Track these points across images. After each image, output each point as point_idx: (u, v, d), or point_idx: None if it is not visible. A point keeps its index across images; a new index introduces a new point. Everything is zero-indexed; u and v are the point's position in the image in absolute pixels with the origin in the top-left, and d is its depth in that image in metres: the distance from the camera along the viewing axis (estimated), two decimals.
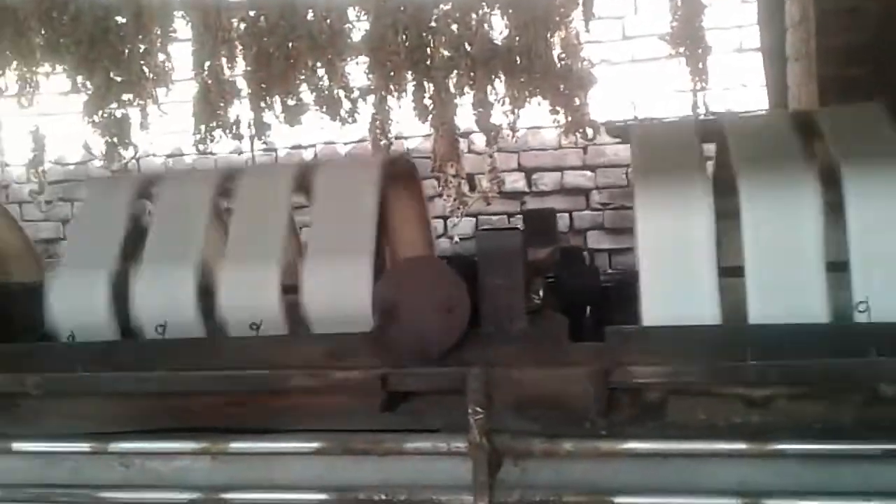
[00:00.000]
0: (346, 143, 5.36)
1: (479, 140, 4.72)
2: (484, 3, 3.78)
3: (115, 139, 4.10)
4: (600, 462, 1.55)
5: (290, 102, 3.98)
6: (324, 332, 1.86)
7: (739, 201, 1.72)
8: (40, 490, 1.74)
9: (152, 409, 1.83)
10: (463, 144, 4.32)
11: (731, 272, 1.68)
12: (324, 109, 3.96)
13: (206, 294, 1.96)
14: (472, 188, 4.17)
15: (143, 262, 1.99)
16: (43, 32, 4.03)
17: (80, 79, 4.07)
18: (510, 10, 3.77)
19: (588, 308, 2.12)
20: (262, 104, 3.98)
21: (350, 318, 1.81)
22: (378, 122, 3.87)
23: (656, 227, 1.74)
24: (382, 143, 3.90)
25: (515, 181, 4.94)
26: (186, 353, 1.80)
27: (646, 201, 1.76)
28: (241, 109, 4.09)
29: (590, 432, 1.54)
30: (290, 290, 1.93)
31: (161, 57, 4.04)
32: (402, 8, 3.80)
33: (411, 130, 4.63)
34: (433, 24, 3.79)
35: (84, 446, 1.70)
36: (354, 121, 3.95)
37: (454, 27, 3.79)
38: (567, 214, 4.86)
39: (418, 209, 2.34)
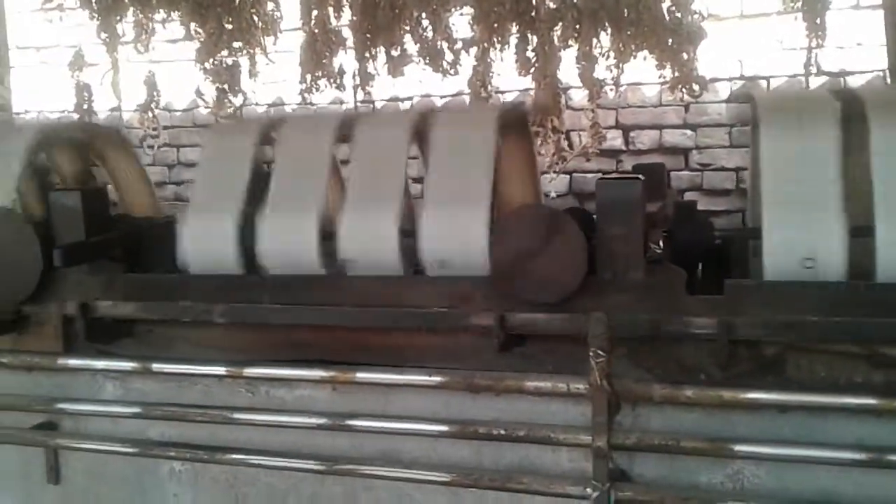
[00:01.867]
0: (442, 97, 5.37)
1: (577, 95, 4.68)
2: None
3: (226, 86, 4.23)
4: (718, 411, 1.57)
5: (394, 53, 4.01)
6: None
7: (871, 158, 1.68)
8: (176, 409, 1.86)
9: (280, 340, 1.94)
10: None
11: (859, 232, 1.65)
12: (426, 61, 3.98)
13: (326, 238, 2.05)
14: (570, 144, 4.14)
15: (268, 207, 2.07)
16: None
17: (193, 26, 4.20)
18: None
19: (701, 263, 2.11)
20: (367, 54, 4.03)
21: (467, 264, 1.87)
22: (479, 75, 3.87)
23: (784, 174, 1.70)
24: (483, 96, 3.90)
25: (613, 139, 4.87)
26: (321, 289, 1.89)
27: (774, 153, 1.72)
28: (345, 59, 4.15)
29: (711, 382, 1.56)
30: (408, 234, 1.99)
31: (270, 6, 4.13)
32: None
33: (510, 84, 4.61)
34: None
35: (220, 370, 1.81)
36: (456, 73, 3.96)
37: None
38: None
39: (530, 159, 2.35)
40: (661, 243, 1.70)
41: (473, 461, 1.75)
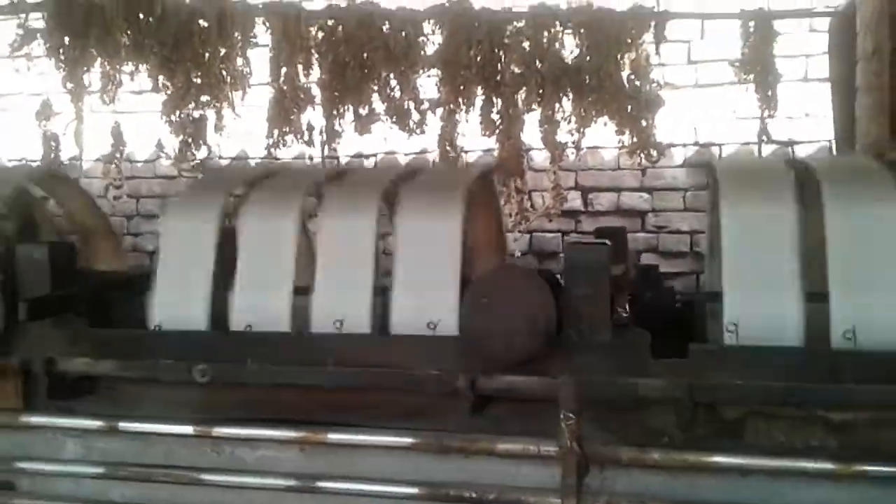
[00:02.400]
0: (406, 154, 5.46)
1: (538, 156, 4.79)
2: (557, 23, 3.86)
3: (190, 139, 4.25)
4: (683, 474, 1.61)
5: (362, 111, 4.09)
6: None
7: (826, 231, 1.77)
8: (140, 469, 1.83)
9: (251, 399, 1.93)
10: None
11: (816, 298, 1.73)
12: (393, 120, 4.06)
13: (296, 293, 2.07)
14: (532, 205, 4.24)
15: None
16: (129, 32, 4.20)
17: (161, 79, 4.22)
18: (582, 30, 3.84)
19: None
20: (335, 112, 4.10)
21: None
22: (446, 134, 3.96)
23: (742, 246, 1.78)
24: (450, 155, 3.98)
25: (572, 199, 4.98)
26: (284, 347, 1.90)
27: (734, 225, 1.81)
28: (313, 115, 4.21)
29: (673, 445, 1.60)
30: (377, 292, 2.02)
31: (240, 62, 4.18)
32: (476, 24, 3.90)
33: (473, 144, 4.71)
34: (506, 40, 3.88)
35: (188, 429, 1.79)
36: (423, 132, 4.04)
37: (526, 44, 3.87)
38: None
39: (498, 222, 2.42)
40: (627, 306, 1.75)
41: None
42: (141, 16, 4.17)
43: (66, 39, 4.27)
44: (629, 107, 3.77)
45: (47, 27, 4.30)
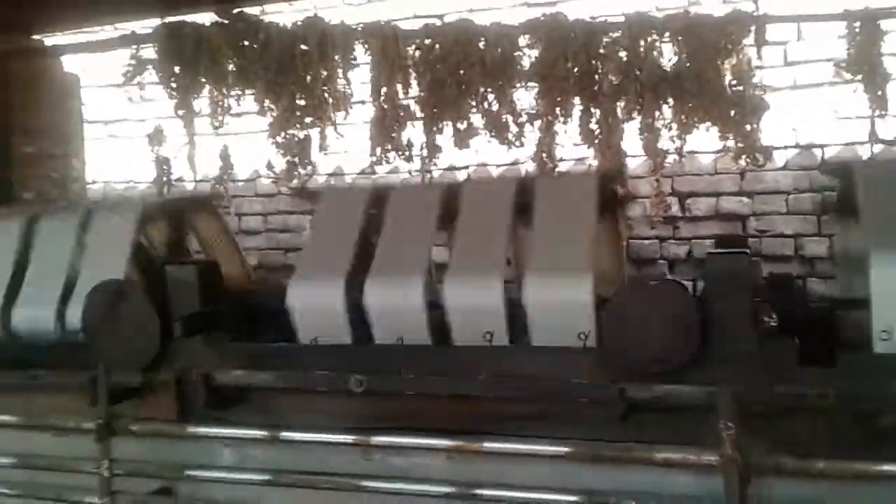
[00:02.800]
0: (498, 166, 5.54)
1: (632, 163, 4.78)
2: (653, 31, 3.87)
3: (296, 158, 4.41)
4: (842, 484, 1.61)
5: (460, 126, 4.17)
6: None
7: None
8: (305, 476, 1.94)
9: (395, 409, 2.02)
10: None
11: None
12: (492, 133, 4.13)
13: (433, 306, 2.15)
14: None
15: (375, 272, 2.18)
16: (235, 59, 4.40)
17: (266, 102, 4.40)
18: (680, 38, 3.84)
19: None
20: (434, 128, 4.19)
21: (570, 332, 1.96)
22: (544, 146, 4.01)
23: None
24: (548, 166, 4.03)
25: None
26: (429, 359, 1.98)
27: (881, 239, 1.80)
28: (412, 132, 4.32)
29: (840, 453, 1.61)
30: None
31: (341, 83, 4.32)
32: (571, 36, 3.94)
33: (566, 153, 4.74)
34: (602, 50, 3.91)
35: (348, 438, 1.89)
36: (521, 144, 4.10)
37: (623, 54, 3.89)
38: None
39: (619, 231, 2.46)
40: (773, 315, 1.77)
41: None
42: (246, 43, 4.37)
43: (177, 69, 4.50)
44: (732, 112, 3.74)
45: (158, 57, 4.53)
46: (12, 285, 2.62)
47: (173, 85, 4.52)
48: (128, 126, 6.92)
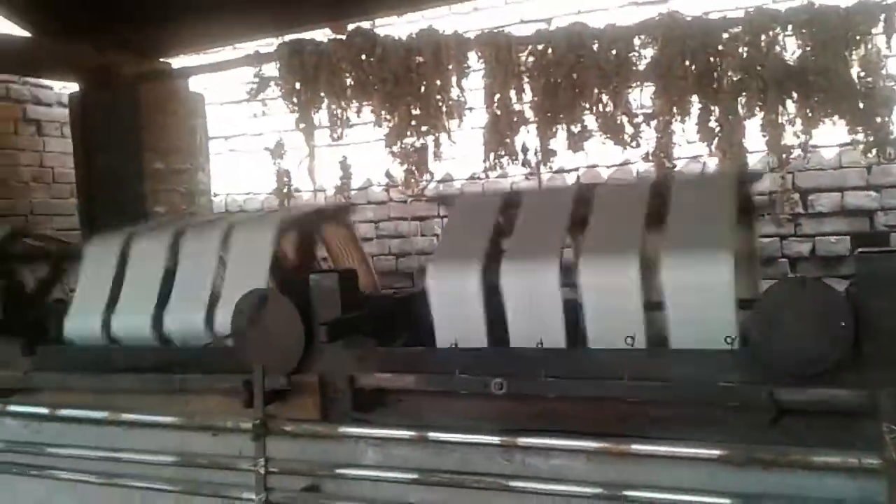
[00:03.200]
0: (609, 167, 5.51)
1: (752, 161, 4.66)
2: (775, 25, 3.77)
3: (414, 167, 4.52)
4: None
5: (574, 129, 4.18)
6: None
7: None
8: (452, 476, 2.01)
9: (532, 411, 2.06)
10: None
11: None
12: (607, 135, 4.12)
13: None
14: None
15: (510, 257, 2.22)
16: (353, 73, 4.56)
17: (383, 113, 4.54)
18: (804, 30, 3.73)
19: None
20: (548, 132, 4.22)
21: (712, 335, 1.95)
22: (662, 146, 3.97)
23: None
24: (665, 166, 3.99)
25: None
26: (564, 362, 2.02)
27: None
28: (526, 137, 4.36)
29: None
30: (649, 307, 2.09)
31: (455, 92, 4.41)
32: (689, 34, 3.89)
33: (679, 152, 4.68)
34: (722, 47, 3.84)
35: (495, 439, 1.94)
36: (638, 145, 4.07)
37: (743, 49, 3.81)
38: (848, 237, 4.67)
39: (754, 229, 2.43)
40: None
41: None
42: (364, 57, 4.52)
43: (298, 84, 4.70)
44: (861, 105, 3.60)
45: (281, 74, 4.75)
46: (162, 293, 2.81)
47: (294, 100, 4.74)
48: (245, 140, 7.28)
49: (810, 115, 3.74)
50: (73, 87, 5.99)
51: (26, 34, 5.61)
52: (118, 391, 2.72)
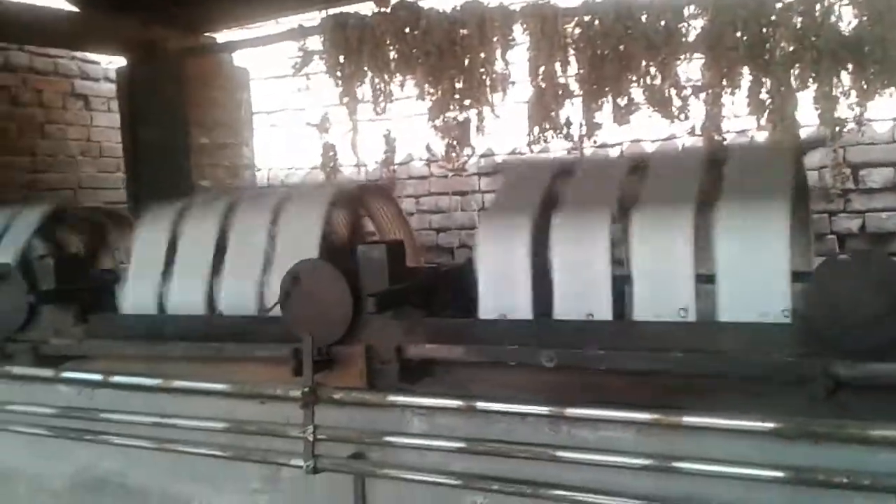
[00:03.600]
0: (653, 141, 5.43)
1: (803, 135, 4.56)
2: None
3: (456, 141, 4.51)
4: None
5: (621, 102, 4.13)
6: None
7: None
8: (499, 445, 2.02)
9: (576, 384, 2.06)
10: None
11: None
12: (654, 108, 4.06)
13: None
14: None
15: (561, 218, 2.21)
16: (397, 46, 4.55)
17: (426, 87, 4.53)
18: (860, 0, 3.62)
19: None
20: (593, 105, 4.17)
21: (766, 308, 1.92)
22: (712, 118, 3.90)
23: None
24: (715, 139, 3.92)
25: None
26: (610, 334, 2.01)
27: None
28: (571, 111, 4.31)
29: None
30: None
31: (499, 65, 4.38)
32: (740, 4, 3.80)
33: (728, 126, 4.59)
34: (774, 17, 3.74)
35: (543, 409, 1.95)
36: (686, 118, 4.01)
37: (797, 20, 3.71)
38: None
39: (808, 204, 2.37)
40: None
41: None
42: (407, 30, 4.50)
43: (342, 58, 4.71)
44: None
45: (324, 48, 4.76)
46: (215, 266, 2.85)
47: (338, 73, 4.74)
48: (288, 115, 7.32)
49: (865, 87, 3.65)
50: (121, 62, 6.07)
51: (74, 9, 5.69)
52: (166, 359, 2.77)
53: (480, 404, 2.04)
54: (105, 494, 2.83)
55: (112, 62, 6.55)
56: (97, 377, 2.77)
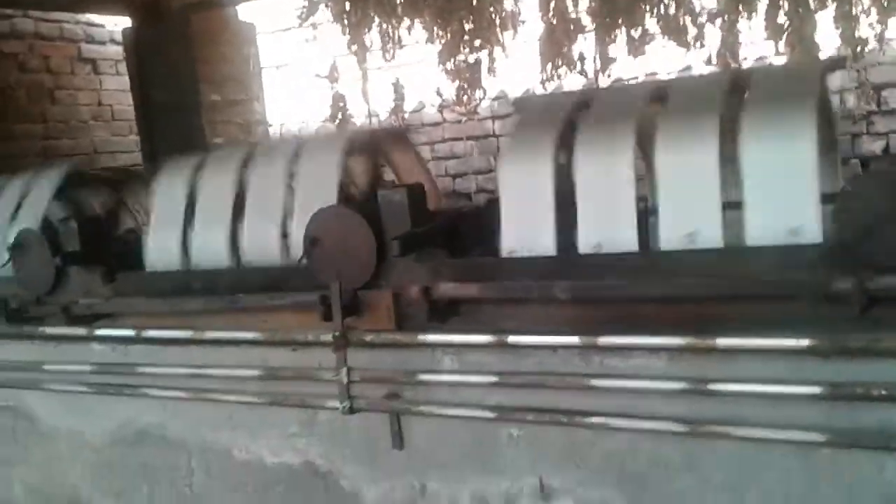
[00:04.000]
0: (668, 73, 5.34)
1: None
2: None
3: (466, 83, 4.46)
4: None
5: (635, 34, 4.05)
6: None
7: None
8: (531, 377, 2.04)
9: (606, 315, 2.06)
10: None
11: None
12: (669, 37, 3.99)
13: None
14: None
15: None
16: None
17: (435, 29, 4.46)
18: None
19: None
20: (607, 38, 4.10)
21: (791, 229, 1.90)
22: (728, 45, 3.82)
23: None
24: (732, 66, 3.85)
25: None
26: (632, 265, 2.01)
27: None
28: (583, 46, 4.25)
29: None
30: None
31: (509, 2, 4.30)
32: None
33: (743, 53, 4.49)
34: None
35: (574, 339, 1.96)
36: (702, 46, 3.93)
37: None
38: None
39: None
40: None
41: (825, 424, 1.77)
42: None
43: (348, 4, 4.64)
44: None
45: None
46: (235, 217, 2.86)
47: (345, 21, 4.68)
48: (296, 68, 7.25)
49: (886, 3, 3.56)
50: (126, 23, 6.01)
51: None
52: (193, 313, 2.80)
53: (511, 338, 2.06)
54: (146, 447, 2.90)
55: (117, 24, 6.49)
56: (130, 333, 2.81)
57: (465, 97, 4.56)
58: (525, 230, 2.30)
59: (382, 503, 2.44)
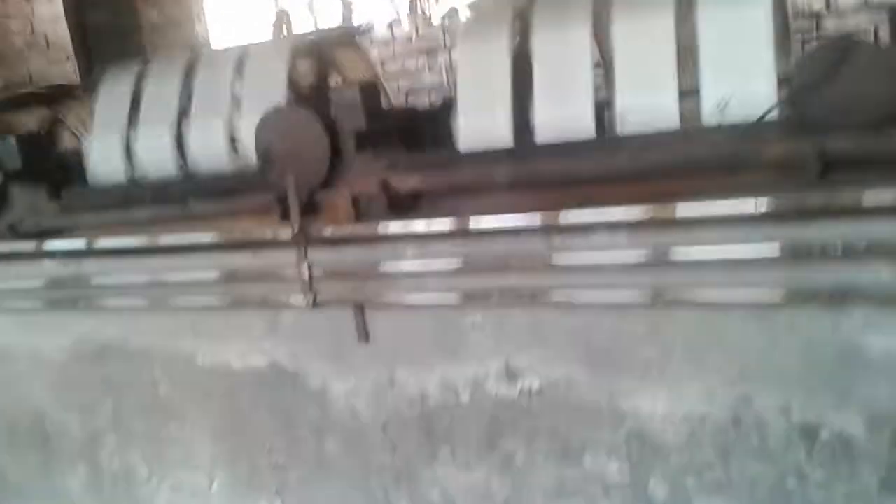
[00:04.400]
0: None
1: None
2: None
3: None
4: None
5: None
6: None
7: None
8: (494, 261, 2.04)
9: (559, 199, 2.05)
10: None
11: None
12: None
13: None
14: None
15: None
16: None
17: None
18: None
19: None
20: None
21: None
22: None
23: None
24: None
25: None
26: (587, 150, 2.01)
27: None
28: None
29: None
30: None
31: None
32: None
33: None
34: None
35: (534, 219, 1.96)
36: None
37: None
38: None
39: None
40: None
41: (783, 284, 1.81)
42: None
43: None
44: None
45: None
46: (179, 121, 2.78)
47: None
48: None
49: None
50: None
51: None
52: (145, 223, 2.72)
53: (473, 223, 2.05)
54: (107, 360, 2.86)
55: None
56: (81, 245, 2.73)
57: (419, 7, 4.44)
58: (482, 122, 2.27)
59: (351, 397, 2.46)
